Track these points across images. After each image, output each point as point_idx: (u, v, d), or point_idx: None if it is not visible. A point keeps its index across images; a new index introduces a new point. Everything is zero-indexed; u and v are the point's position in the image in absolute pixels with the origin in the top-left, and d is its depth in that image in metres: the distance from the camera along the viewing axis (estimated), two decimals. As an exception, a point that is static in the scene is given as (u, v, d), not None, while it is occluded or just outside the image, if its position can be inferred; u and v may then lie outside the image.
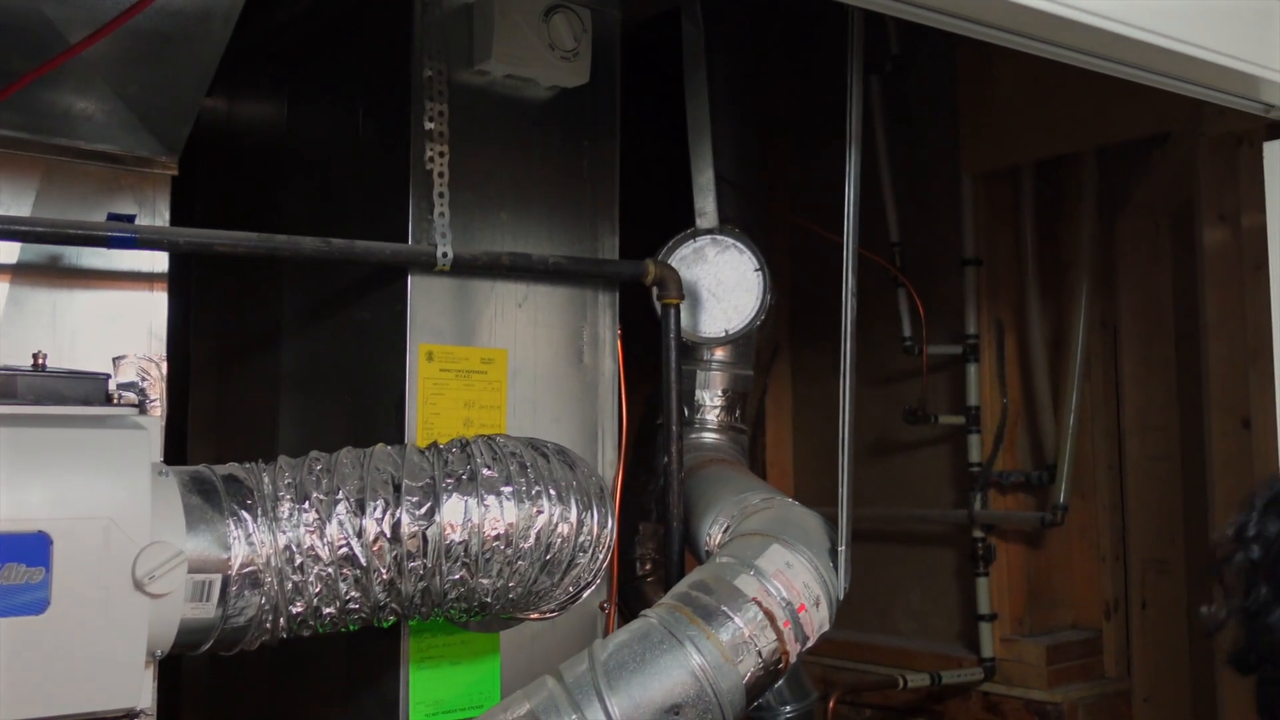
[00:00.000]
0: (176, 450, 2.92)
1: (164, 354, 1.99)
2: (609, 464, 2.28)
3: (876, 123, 3.61)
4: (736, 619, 1.70)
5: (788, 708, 2.99)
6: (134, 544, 1.54)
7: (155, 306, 2.00)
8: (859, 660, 3.73)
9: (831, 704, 3.20)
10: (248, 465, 1.78)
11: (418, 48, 2.07)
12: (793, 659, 1.76)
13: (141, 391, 1.85)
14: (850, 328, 1.99)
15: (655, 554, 2.99)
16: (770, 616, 1.72)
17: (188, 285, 2.84)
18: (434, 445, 1.83)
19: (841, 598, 1.90)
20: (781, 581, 1.77)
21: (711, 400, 2.65)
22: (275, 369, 2.45)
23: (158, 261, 1.99)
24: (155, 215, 2.02)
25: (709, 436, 2.63)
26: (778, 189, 4.06)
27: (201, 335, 2.82)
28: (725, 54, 2.85)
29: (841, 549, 1.89)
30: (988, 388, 3.62)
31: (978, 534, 3.58)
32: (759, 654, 1.70)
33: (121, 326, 1.97)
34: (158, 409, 1.84)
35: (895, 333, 3.65)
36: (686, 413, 2.62)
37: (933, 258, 3.68)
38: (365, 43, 2.25)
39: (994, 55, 3.34)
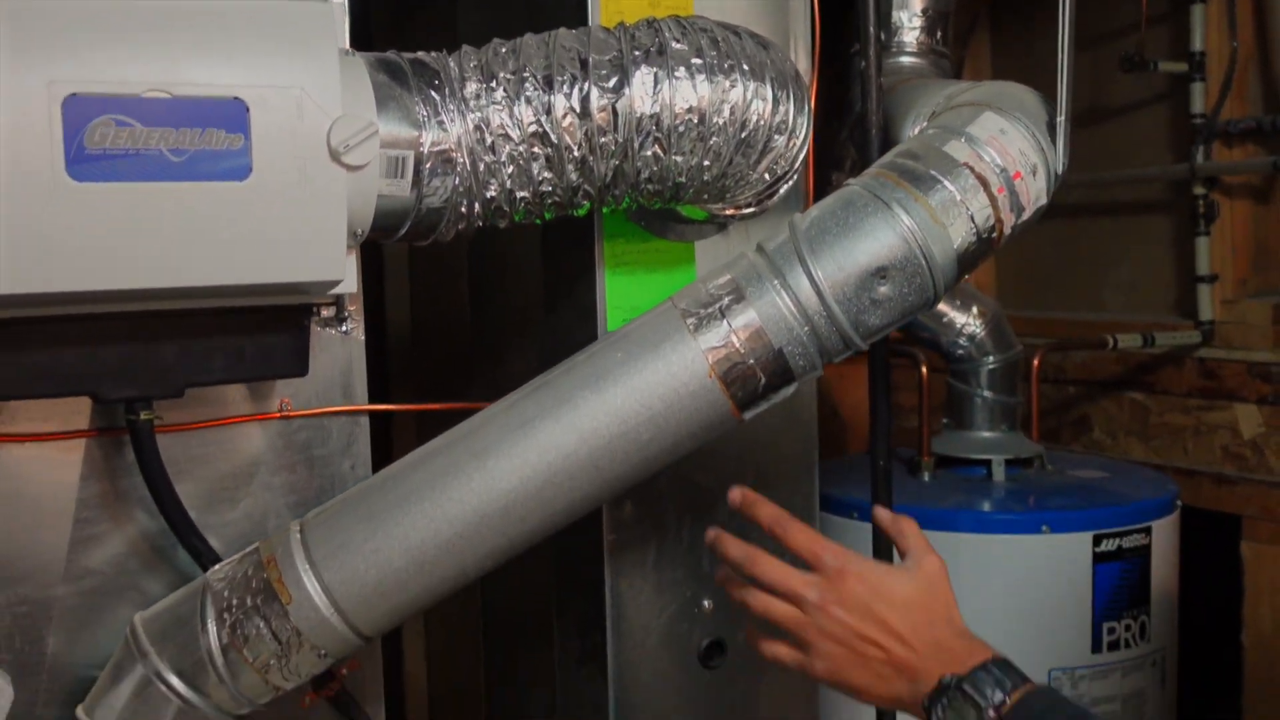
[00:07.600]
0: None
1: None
2: (803, 71, 2.14)
3: None
4: (947, 183, 1.58)
5: (990, 358, 2.92)
6: (326, 116, 1.53)
7: None
8: (1064, 337, 3.59)
9: (1037, 361, 3.09)
10: (433, 53, 1.74)
11: None
12: (1007, 230, 1.64)
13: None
14: None
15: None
16: (983, 181, 1.60)
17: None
18: (620, 25, 1.75)
19: (1060, 172, 1.77)
20: (995, 148, 1.64)
21: (910, 20, 2.47)
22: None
23: None
24: None
25: (908, 60, 2.47)
26: None
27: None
28: None
29: (1060, 119, 1.75)
30: (1214, 30, 3.32)
31: (1199, 190, 3.35)
32: (971, 219, 1.59)
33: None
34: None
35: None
36: (883, 36, 2.45)
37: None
38: None
39: None
